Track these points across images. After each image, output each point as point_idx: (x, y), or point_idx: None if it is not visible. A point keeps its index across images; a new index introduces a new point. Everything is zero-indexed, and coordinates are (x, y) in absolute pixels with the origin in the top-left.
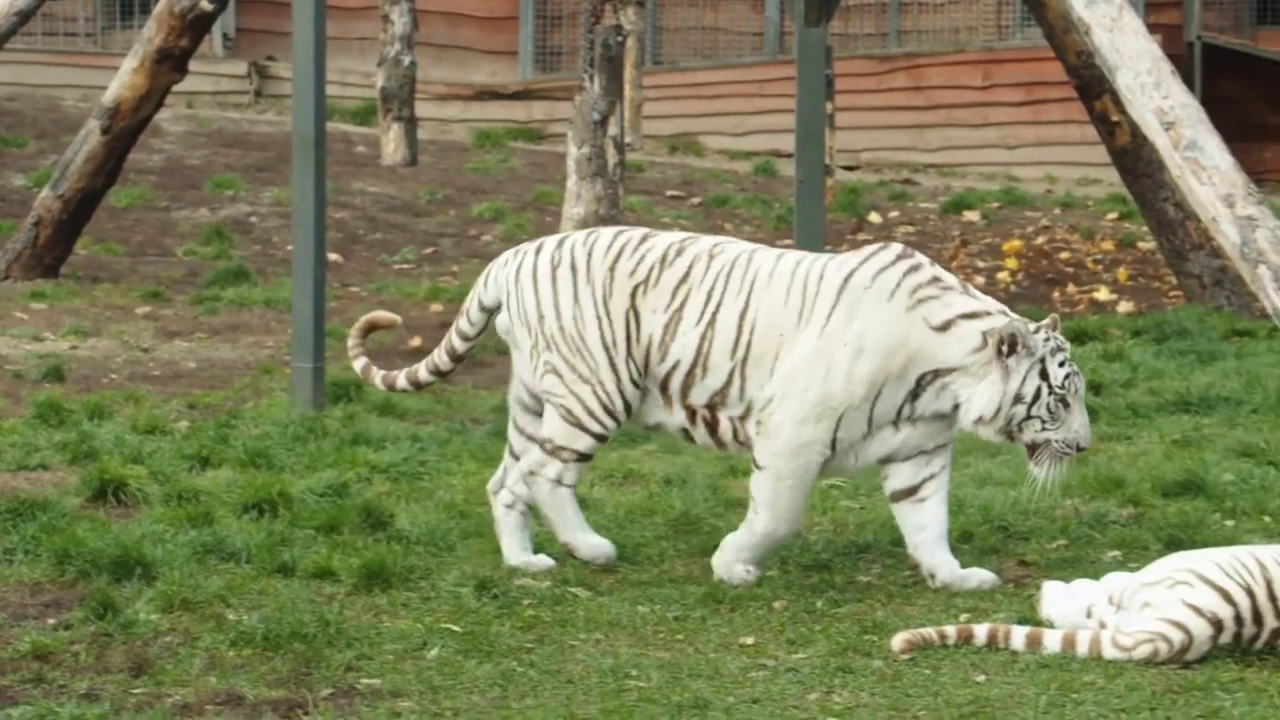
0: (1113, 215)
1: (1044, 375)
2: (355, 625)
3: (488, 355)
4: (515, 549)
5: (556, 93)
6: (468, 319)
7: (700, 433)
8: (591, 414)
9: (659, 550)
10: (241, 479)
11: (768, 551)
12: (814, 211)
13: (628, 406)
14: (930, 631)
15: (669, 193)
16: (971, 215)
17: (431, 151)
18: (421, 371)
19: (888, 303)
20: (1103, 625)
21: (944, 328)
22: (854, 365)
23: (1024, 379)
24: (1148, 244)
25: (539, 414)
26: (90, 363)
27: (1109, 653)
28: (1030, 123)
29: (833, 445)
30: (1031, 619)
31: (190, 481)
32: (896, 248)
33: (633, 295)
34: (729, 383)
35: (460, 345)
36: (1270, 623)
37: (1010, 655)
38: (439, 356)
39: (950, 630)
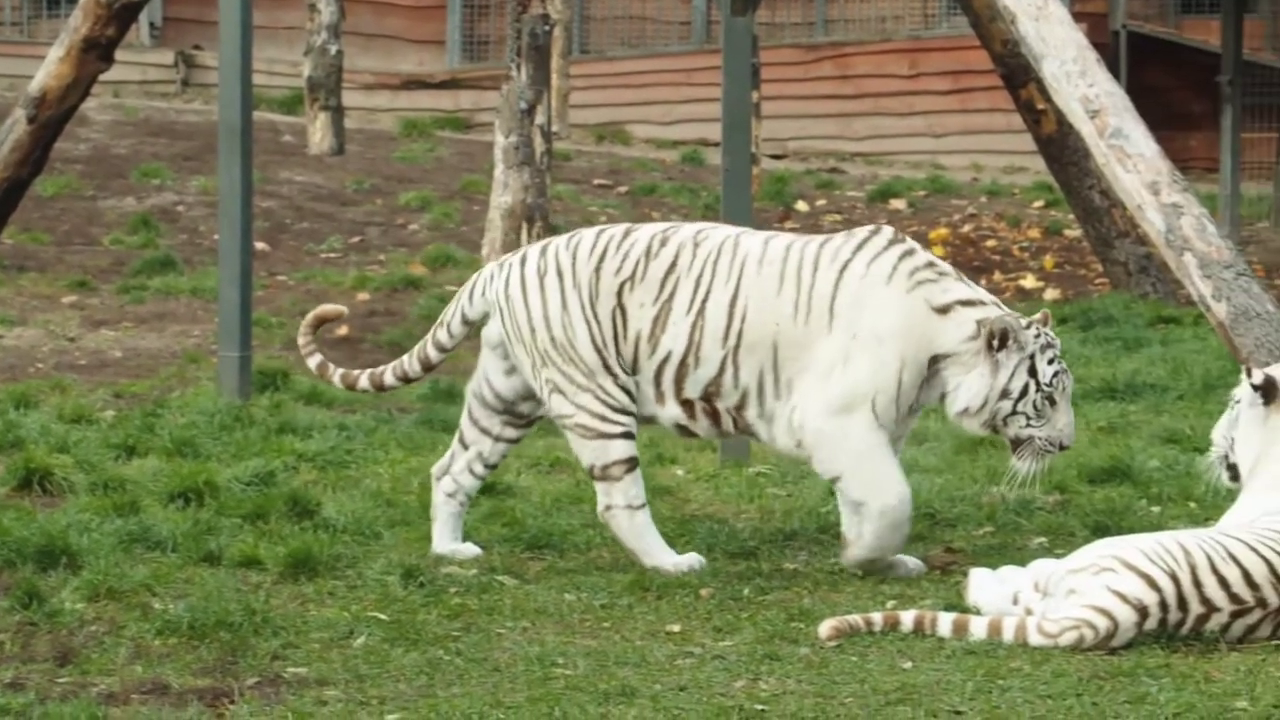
0: (1039, 203)
1: (1032, 372)
2: (281, 614)
3: (414, 343)
4: (445, 536)
5: (484, 82)
6: (448, 331)
7: (703, 425)
8: (604, 419)
9: (586, 538)
10: (168, 468)
11: (901, 528)
12: (741, 200)
13: (632, 398)
14: (857, 618)
15: (596, 181)
16: (898, 203)
17: (359, 140)
18: (388, 375)
19: (886, 286)
20: (1029, 612)
21: (944, 310)
22: (877, 351)
23: (1012, 374)
24: (1074, 232)
25: (500, 411)
26: (16, 352)
27: (1035, 639)
28: (957, 111)
29: (877, 424)
30: (958, 606)
31: (116, 470)
32: (888, 231)
33: (619, 293)
34: (721, 371)
35: (435, 356)
36: (1195, 608)
37: (937, 642)
38: (409, 364)
39: (877, 617)
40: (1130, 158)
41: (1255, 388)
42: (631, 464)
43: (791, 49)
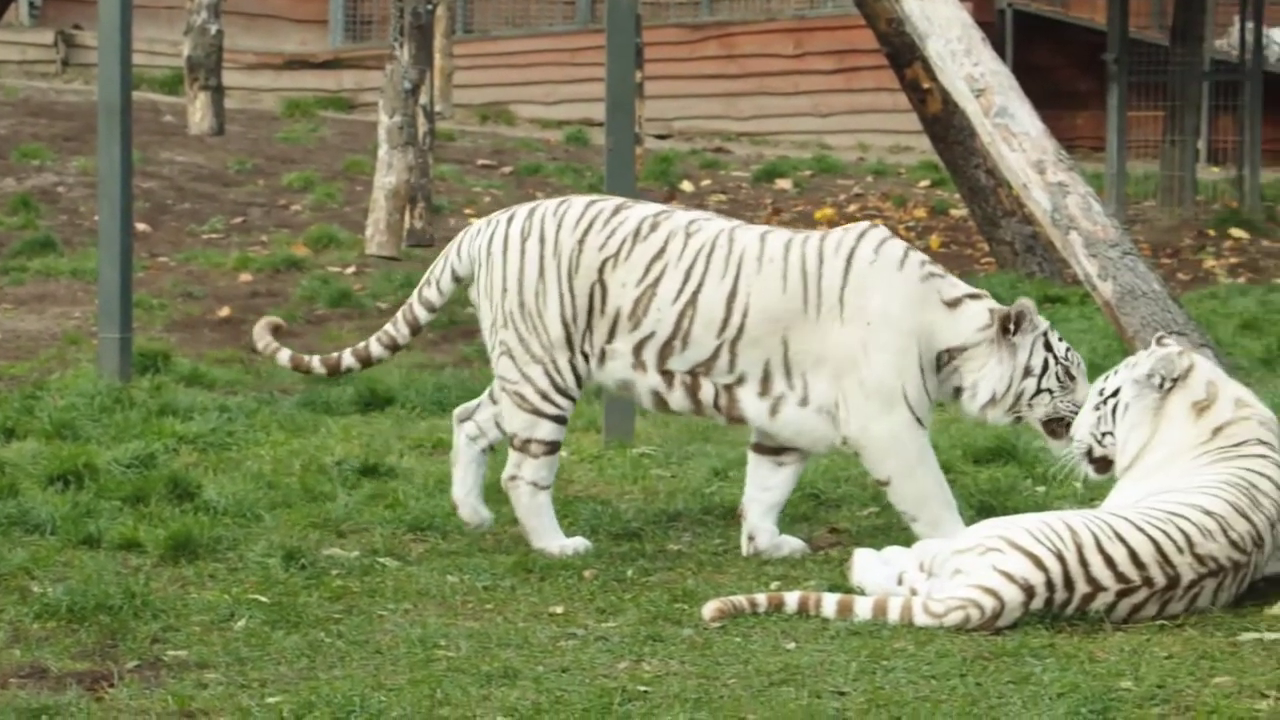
0: (925, 183)
1: (1048, 347)
2: (161, 597)
3: (296, 325)
4: (467, 483)
5: (367, 62)
6: (437, 289)
7: (677, 396)
8: (545, 396)
9: None
10: (47, 450)
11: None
12: (625, 180)
13: (579, 382)
14: (741, 599)
15: (480, 162)
16: (784, 183)
17: (241, 121)
18: (374, 346)
19: (899, 272)
20: (914, 592)
21: (954, 304)
22: (893, 336)
23: (1030, 352)
24: (960, 211)
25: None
26: None
27: (921, 619)
28: (842, 90)
29: (919, 422)
30: (843, 586)
31: None
32: (883, 227)
33: (601, 269)
34: (715, 356)
35: (425, 316)
36: (1081, 588)
37: (821, 623)
38: (396, 329)
39: (761, 598)
40: (1015, 136)
41: (1154, 380)
42: (553, 448)
43: (676, 28)
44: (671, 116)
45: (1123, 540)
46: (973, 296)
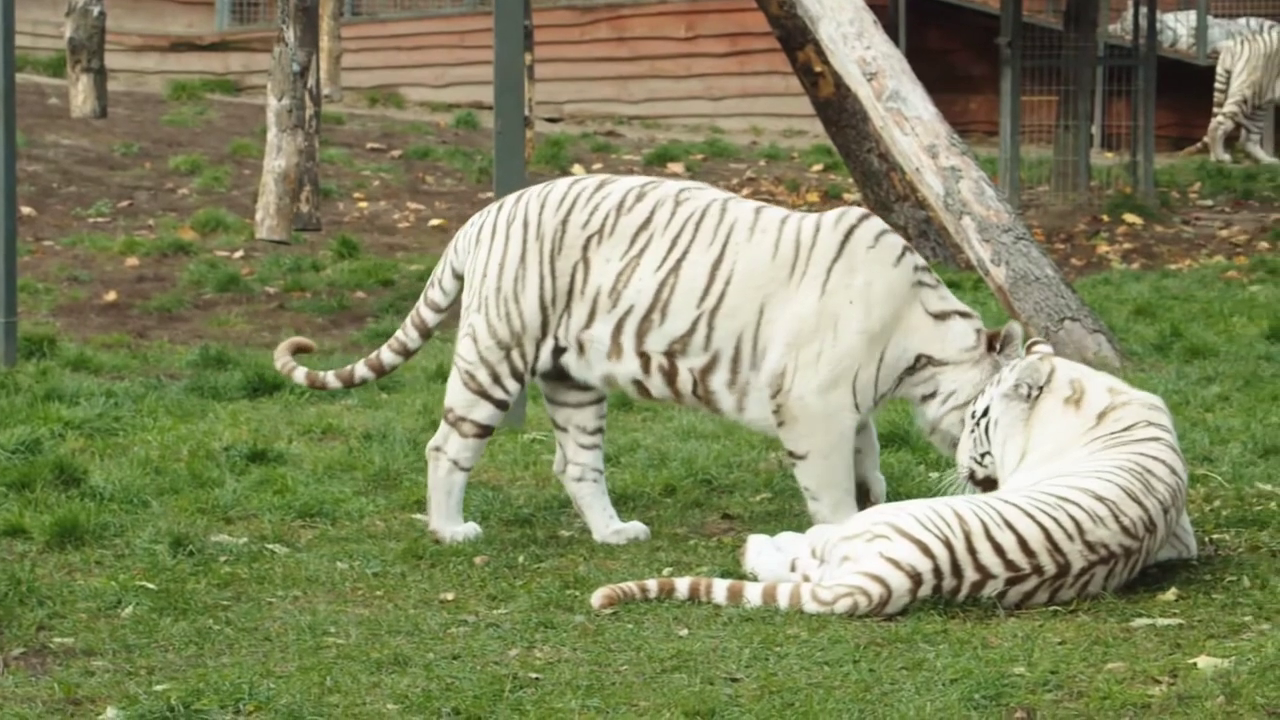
0: (818, 167)
1: None
2: (47, 584)
3: (184, 309)
4: (602, 520)
5: (254, 44)
6: (440, 288)
7: (656, 382)
8: (497, 380)
9: (358, 506)
10: None
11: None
12: (514, 164)
13: (534, 372)
14: (632, 585)
15: (369, 145)
16: (676, 167)
17: (126, 104)
18: (385, 355)
19: (894, 268)
20: (807, 579)
21: (941, 317)
22: (864, 320)
23: None
24: (853, 196)
25: (560, 378)
26: None
27: (809, 606)
28: (734, 74)
29: (856, 408)
30: (735, 572)
31: None
32: (879, 219)
33: (585, 247)
34: (692, 330)
35: (432, 318)
36: (970, 575)
37: (713, 609)
38: (406, 334)
39: (652, 584)
40: (908, 120)
41: (1021, 391)
42: (485, 432)
43: (567, 10)
44: (563, 99)
45: (1012, 527)
46: (963, 315)
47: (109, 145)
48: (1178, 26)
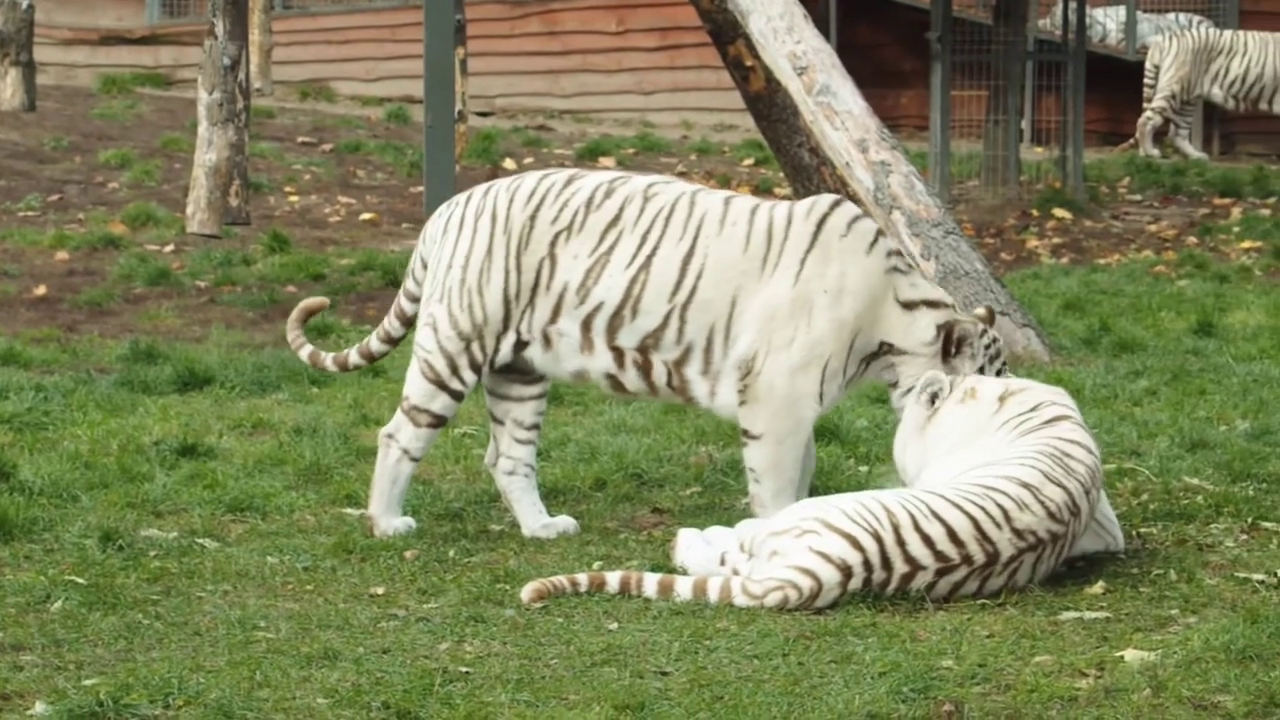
0: (749, 161)
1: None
2: None
3: (114, 304)
4: (531, 514)
5: (184, 38)
6: (413, 279)
7: (630, 376)
8: (455, 371)
9: (288, 501)
10: None
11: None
12: (444, 158)
13: (492, 364)
14: (562, 579)
15: (300, 139)
16: (607, 161)
17: (56, 97)
18: (373, 342)
19: (866, 255)
20: (736, 573)
21: (909, 307)
22: (837, 308)
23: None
24: (784, 190)
25: (506, 371)
26: None
27: (740, 600)
28: (666, 68)
29: (819, 399)
30: (665, 566)
31: None
32: (851, 205)
33: (553, 243)
34: (664, 325)
35: (410, 308)
36: (900, 568)
37: (643, 603)
38: (390, 324)
39: (582, 578)
40: (838, 115)
41: (924, 398)
42: (439, 423)
43: (498, 5)
44: (494, 94)
45: (940, 518)
46: (930, 304)
47: (38, 139)
48: (1107, 21)
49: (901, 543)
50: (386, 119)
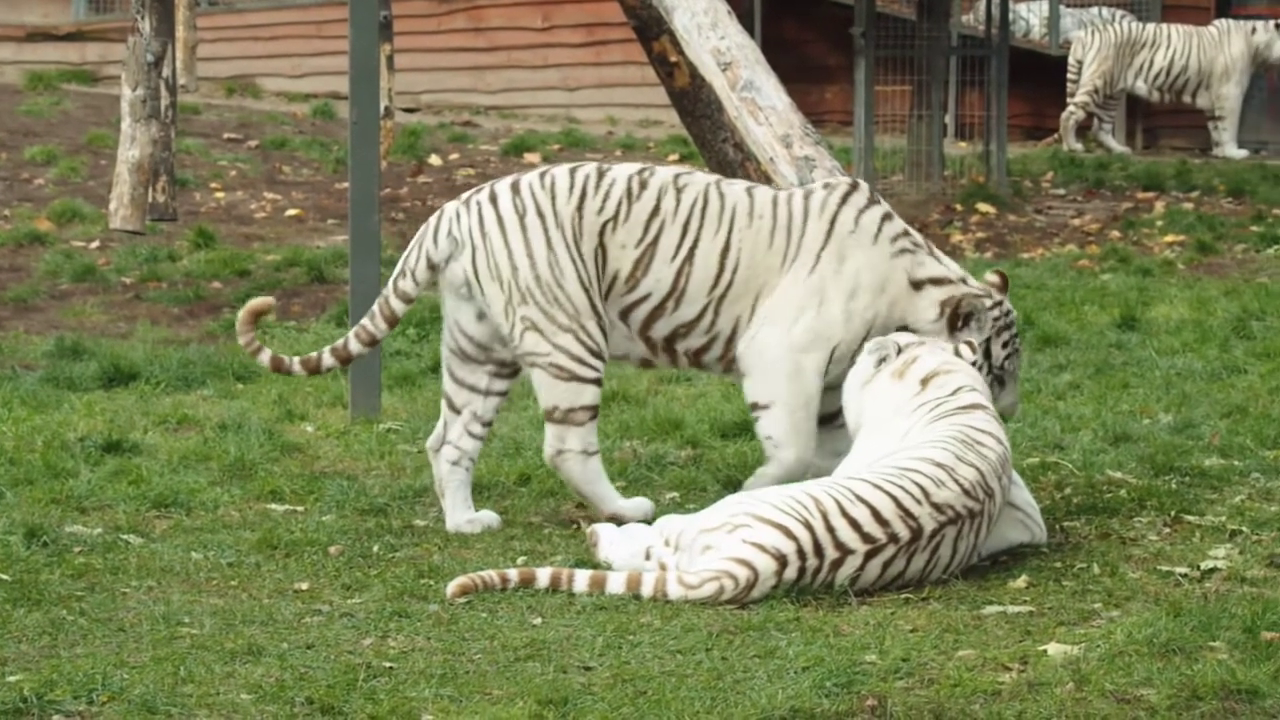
0: (674, 157)
1: (987, 354)
2: None
3: (40, 300)
4: (459, 508)
5: (110, 34)
6: (413, 279)
7: (663, 359)
8: (582, 361)
9: (213, 496)
10: None
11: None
12: (369, 154)
13: (606, 343)
14: (491, 575)
15: (226, 135)
16: (533, 157)
17: None
18: (352, 344)
19: (873, 246)
20: (663, 566)
21: (918, 286)
22: (850, 303)
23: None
24: None
25: (481, 362)
26: None
27: (675, 592)
28: (591, 64)
29: (821, 375)
30: (589, 562)
31: None
32: (865, 188)
33: (601, 233)
34: (700, 316)
35: (401, 308)
36: (831, 554)
37: (567, 598)
38: (374, 324)
39: (512, 574)
40: (762, 110)
41: (872, 359)
42: (595, 411)
43: (425, 1)
44: (420, 90)
45: (864, 501)
46: (936, 282)
47: None
48: (1030, 17)
49: (831, 529)
50: (313, 115)
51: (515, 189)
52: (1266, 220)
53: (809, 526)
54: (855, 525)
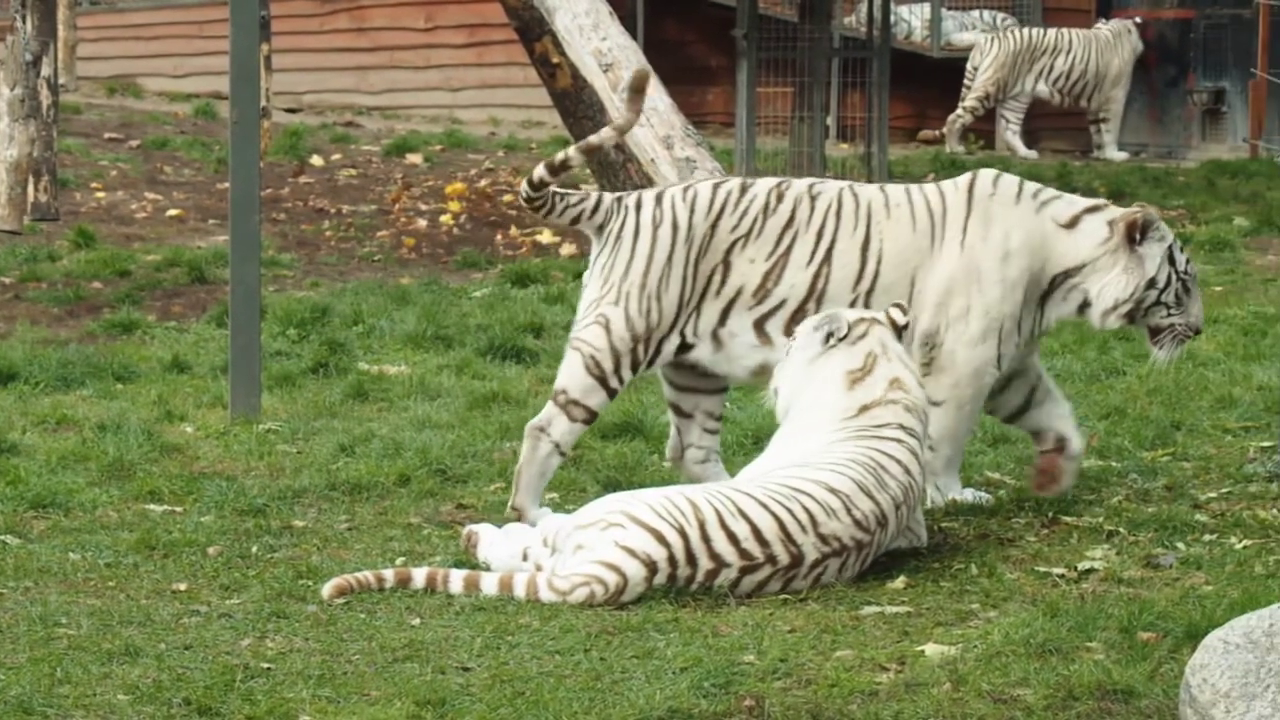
0: None
1: (1172, 261)
2: None
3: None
4: None
5: None
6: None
7: None
8: (617, 371)
9: (91, 497)
10: None
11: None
12: (249, 154)
13: (650, 364)
14: (368, 575)
15: (107, 135)
16: (414, 158)
17: None
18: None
19: (1016, 205)
20: (539, 568)
21: (1072, 224)
22: (1004, 269)
23: (1158, 265)
24: (591, 187)
25: (692, 367)
26: None
27: (546, 595)
28: (473, 65)
29: (998, 364)
30: (468, 562)
31: None
32: (992, 169)
33: (729, 250)
34: None
35: None
36: (705, 564)
37: (446, 599)
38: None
39: (388, 574)
40: (644, 112)
41: (820, 333)
42: (591, 418)
43: (307, 1)
44: (302, 90)
45: (746, 517)
46: (1090, 210)
47: None
48: (912, 19)
49: (707, 539)
50: (194, 115)
51: (659, 200)
52: None
53: (683, 534)
54: (734, 539)
